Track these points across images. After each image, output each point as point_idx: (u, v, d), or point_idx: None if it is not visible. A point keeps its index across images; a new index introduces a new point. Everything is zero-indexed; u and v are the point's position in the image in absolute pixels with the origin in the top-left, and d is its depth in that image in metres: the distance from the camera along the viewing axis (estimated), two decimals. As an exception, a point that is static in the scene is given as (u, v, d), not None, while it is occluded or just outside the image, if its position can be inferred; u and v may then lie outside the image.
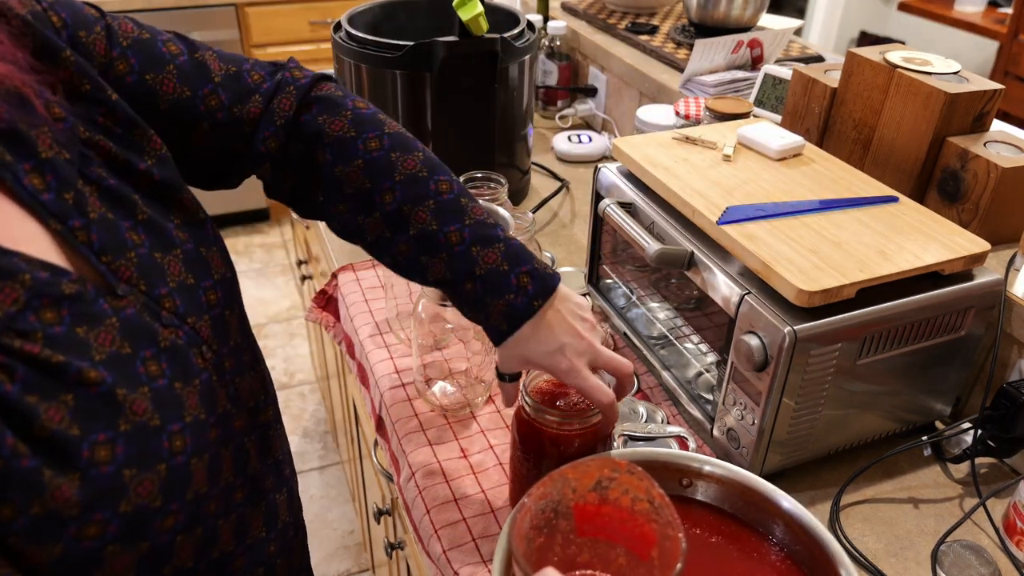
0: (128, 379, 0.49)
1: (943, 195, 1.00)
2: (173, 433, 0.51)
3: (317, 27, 2.95)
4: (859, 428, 0.87)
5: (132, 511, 0.47)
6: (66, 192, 0.51)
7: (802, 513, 0.66)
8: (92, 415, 0.46)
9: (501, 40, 1.19)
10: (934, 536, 0.81)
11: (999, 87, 0.98)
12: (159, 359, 0.52)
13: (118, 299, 0.51)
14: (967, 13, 3.36)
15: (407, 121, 1.25)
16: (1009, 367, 0.90)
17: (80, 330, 0.48)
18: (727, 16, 1.54)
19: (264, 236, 3.28)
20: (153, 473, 0.49)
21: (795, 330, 0.74)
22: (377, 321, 1.10)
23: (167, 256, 0.57)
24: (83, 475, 0.45)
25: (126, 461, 0.47)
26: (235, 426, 0.60)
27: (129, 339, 0.51)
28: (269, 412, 0.68)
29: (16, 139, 0.49)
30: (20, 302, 0.45)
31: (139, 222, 0.56)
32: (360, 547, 2.03)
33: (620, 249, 1.03)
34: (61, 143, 0.52)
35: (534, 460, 0.73)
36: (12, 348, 0.44)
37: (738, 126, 1.05)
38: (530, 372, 0.74)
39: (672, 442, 0.89)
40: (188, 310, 0.57)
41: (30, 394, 0.44)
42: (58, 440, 0.44)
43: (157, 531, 0.50)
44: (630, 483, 0.58)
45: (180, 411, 0.52)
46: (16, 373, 0.44)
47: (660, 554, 0.56)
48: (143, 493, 0.48)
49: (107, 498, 0.46)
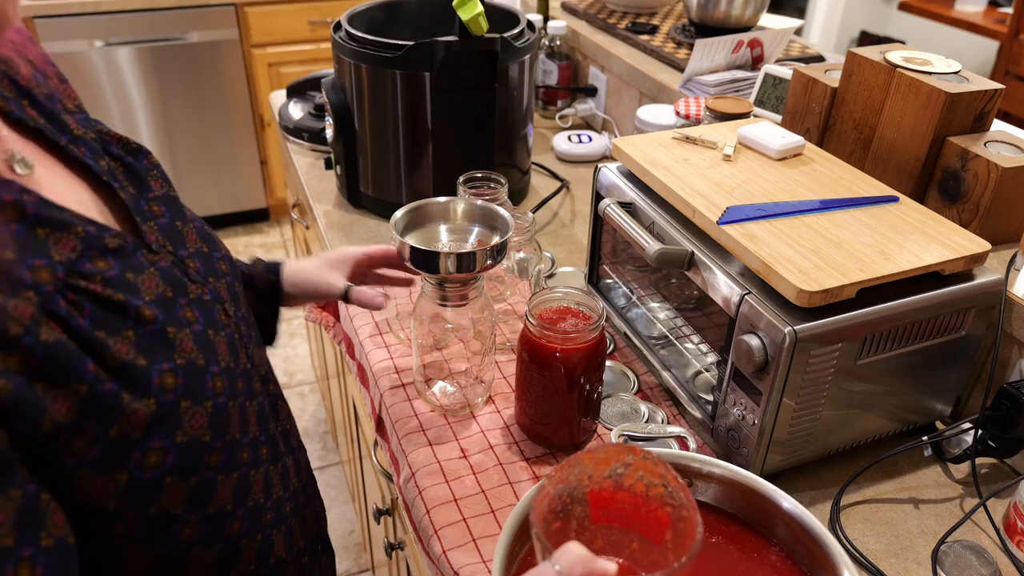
0: (174, 320, 0.54)
1: (943, 195, 1.00)
2: (214, 374, 0.56)
3: (317, 27, 2.95)
4: (859, 428, 0.87)
5: (187, 442, 0.52)
6: (100, 160, 0.59)
7: (802, 513, 0.66)
8: (152, 348, 0.51)
9: (501, 40, 1.19)
10: (934, 536, 0.81)
11: (999, 87, 0.98)
12: (192, 307, 0.57)
13: (153, 254, 0.57)
14: (967, 13, 3.36)
15: (407, 121, 1.25)
16: (1009, 367, 0.90)
17: (130, 275, 0.53)
18: (727, 16, 1.54)
19: (264, 236, 3.28)
20: (202, 408, 0.54)
21: (795, 330, 0.74)
22: (377, 321, 1.10)
23: (185, 226, 0.64)
24: (157, 401, 0.50)
25: (184, 392, 0.52)
26: (254, 386, 0.64)
27: (169, 286, 0.56)
28: (276, 388, 0.73)
29: (53, 116, 0.57)
30: (78, 250, 0.50)
31: (156, 196, 0.63)
32: (360, 547, 2.03)
33: (620, 249, 1.03)
34: (84, 126, 0.60)
35: (538, 375, 0.83)
36: (79, 287, 0.48)
37: (738, 126, 1.05)
38: (533, 298, 0.85)
39: (672, 442, 0.89)
40: (207, 272, 0.63)
41: (98, 329, 0.48)
42: (129, 369, 0.49)
43: (204, 466, 0.55)
44: (645, 468, 0.59)
45: (216, 355, 0.57)
46: (85, 309, 0.48)
47: (674, 536, 0.57)
48: (195, 425, 0.53)
49: (168, 426, 0.51)
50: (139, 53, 2.78)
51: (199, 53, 2.85)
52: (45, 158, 0.55)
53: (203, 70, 2.89)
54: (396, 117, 1.25)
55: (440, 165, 1.27)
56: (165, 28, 2.77)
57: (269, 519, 0.65)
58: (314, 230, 1.49)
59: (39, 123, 0.55)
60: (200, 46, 2.84)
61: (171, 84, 2.87)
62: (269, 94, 2.18)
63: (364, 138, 1.31)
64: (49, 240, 0.49)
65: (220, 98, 2.96)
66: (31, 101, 0.57)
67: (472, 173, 1.14)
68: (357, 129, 1.31)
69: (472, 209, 0.92)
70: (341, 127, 1.32)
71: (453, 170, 1.19)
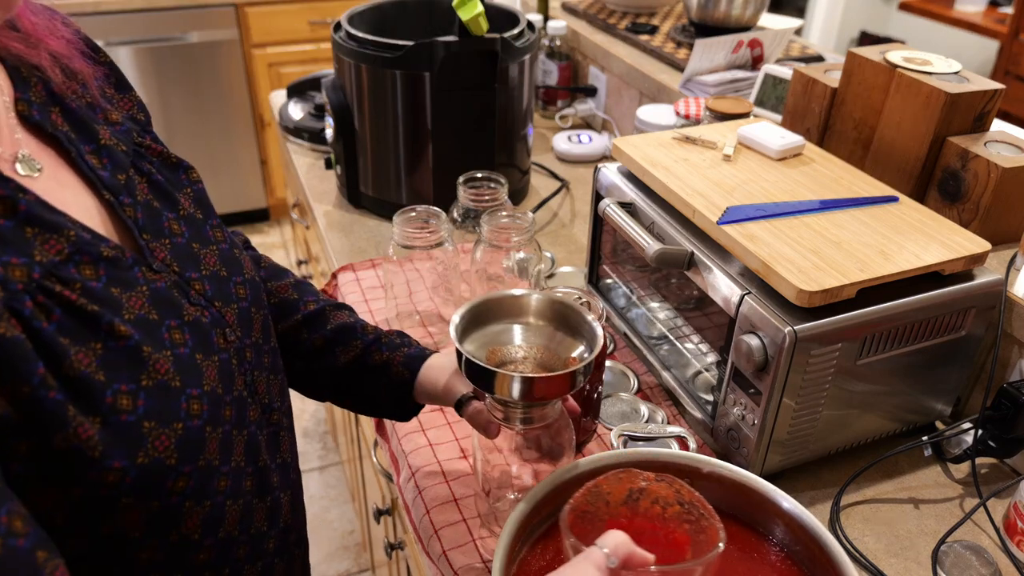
0: (154, 341, 0.53)
1: (943, 195, 1.00)
2: (192, 397, 0.54)
3: (317, 27, 2.95)
4: (859, 428, 0.87)
5: (149, 463, 0.51)
6: (119, 174, 0.59)
7: (802, 513, 0.66)
8: (117, 366, 0.50)
9: (501, 40, 1.19)
10: (934, 536, 0.81)
11: (1000, 87, 0.98)
12: (183, 330, 0.56)
13: (153, 272, 0.56)
14: (967, 13, 3.36)
15: (407, 121, 1.25)
16: (1009, 367, 0.90)
17: (115, 290, 0.52)
18: (727, 16, 1.54)
19: (264, 236, 3.28)
20: (171, 430, 0.52)
21: (795, 330, 0.74)
22: (377, 321, 1.10)
23: (204, 249, 0.63)
24: (104, 419, 0.48)
25: (146, 413, 0.51)
26: (249, 415, 0.62)
27: (157, 307, 0.55)
28: (282, 419, 0.70)
29: (82, 125, 0.58)
30: (64, 253, 0.50)
31: (180, 216, 0.62)
32: (360, 547, 2.03)
33: (620, 249, 1.03)
34: (118, 138, 0.61)
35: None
36: (52, 291, 0.48)
37: (738, 126, 1.05)
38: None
39: (672, 442, 0.89)
40: (216, 296, 0.61)
41: (64, 336, 0.48)
42: (83, 382, 0.48)
43: (169, 491, 0.53)
44: (658, 491, 0.60)
45: (199, 379, 0.55)
46: (53, 314, 0.48)
47: (694, 552, 0.58)
48: (160, 448, 0.51)
49: (127, 446, 0.49)
50: (139, 53, 2.78)
51: (199, 53, 2.85)
52: (60, 165, 0.56)
53: (203, 70, 2.89)
54: (396, 117, 1.25)
55: (440, 165, 1.27)
56: (165, 28, 2.77)
57: (242, 554, 0.62)
58: (314, 230, 1.49)
59: (58, 131, 0.56)
60: (200, 46, 2.84)
61: (171, 84, 2.87)
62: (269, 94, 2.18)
63: (364, 138, 1.31)
64: (36, 240, 0.49)
65: (220, 98, 2.96)
66: (62, 108, 0.58)
67: (472, 173, 1.14)
68: (357, 129, 1.31)
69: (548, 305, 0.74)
70: (341, 127, 1.32)
71: (453, 170, 1.19)
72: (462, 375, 0.70)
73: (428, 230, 1.00)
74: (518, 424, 0.71)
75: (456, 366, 0.73)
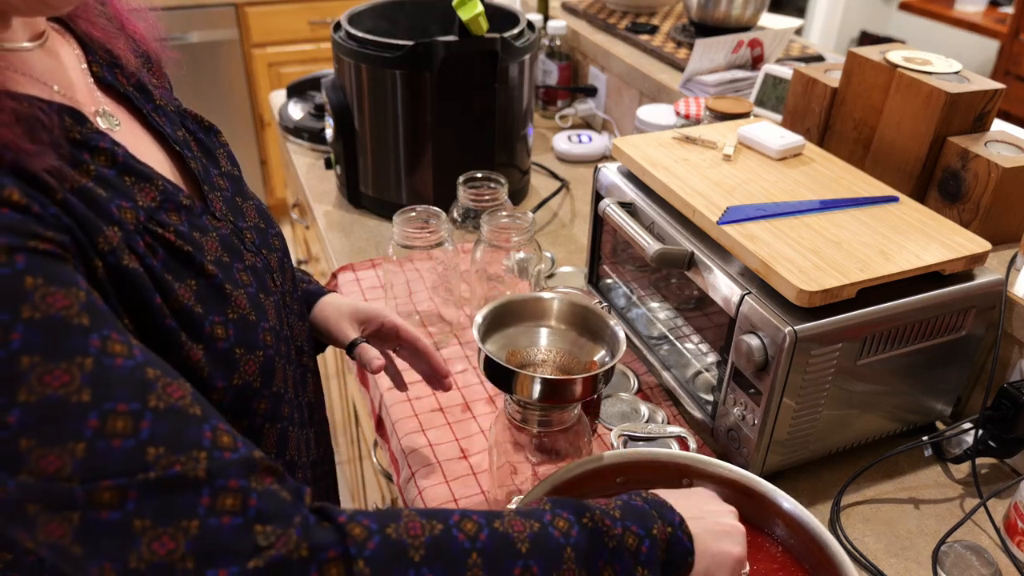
0: (231, 280, 0.59)
1: (944, 195, 1.00)
2: (265, 329, 0.60)
3: (317, 27, 2.95)
4: (859, 428, 0.87)
5: (241, 385, 0.57)
6: (178, 131, 0.65)
7: (802, 513, 0.66)
8: (209, 300, 0.56)
9: (501, 40, 1.19)
10: (935, 536, 0.81)
11: (1000, 87, 0.98)
12: (247, 272, 0.62)
13: (216, 220, 0.62)
14: (968, 13, 3.36)
15: (407, 121, 1.25)
16: (1010, 367, 0.90)
17: (196, 234, 0.58)
18: (727, 16, 1.54)
19: (264, 236, 3.28)
20: (254, 356, 0.59)
21: (795, 330, 0.74)
22: (377, 321, 1.10)
23: (245, 202, 0.69)
24: (206, 346, 0.55)
25: (236, 342, 0.57)
26: (292, 353, 0.68)
27: (227, 251, 0.60)
28: (310, 361, 0.76)
29: (141, 86, 0.64)
30: (157, 200, 0.56)
31: (223, 172, 0.69)
32: (360, 547, 2.03)
33: (620, 249, 1.03)
34: (166, 99, 0.67)
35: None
36: (155, 233, 0.54)
37: (738, 126, 1.04)
38: None
39: (672, 442, 0.89)
40: (262, 244, 0.67)
41: (168, 273, 0.53)
42: (187, 313, 0.54)
43: (254, 412, 0.60)
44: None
45: (266, 315, 0.62)
46: (158, 253, 0.53)
47: None
48: (248, 372, 0.58)
49: (224, 369, 0.56)
50: (139, 53, 2.78)
51: (199, 53, 2.85)
52: (131, 121, 0.61)
53: (203, 70, 2.89)
54: (396, 117, 1.25)
55: (440, 165, 1.27)
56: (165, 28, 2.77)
57: (298, 478, 0.67)
58: (314, 230, 1.49)
59: (128, 90, 0.62)
60: (200, 46, 2.84)
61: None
62: (269, 94, 2.18)
63: (364, 138, 1.31)
64: (135, 188, 0.54)
65: (220, 98, 2.96)
66: (123, 71, 0.63)
67: (472, 173, 1.14)
68: (357, 129, 1.31)
69: (570, 309, 0.75)
70: (341, 127, 1.32)
71: (453, 170, 1.19)
72: (352, 321, 0.82)
73: (428, 230, 1.00)
74: (535, 426, 0.71)
75: (351, 310, 0.84)
